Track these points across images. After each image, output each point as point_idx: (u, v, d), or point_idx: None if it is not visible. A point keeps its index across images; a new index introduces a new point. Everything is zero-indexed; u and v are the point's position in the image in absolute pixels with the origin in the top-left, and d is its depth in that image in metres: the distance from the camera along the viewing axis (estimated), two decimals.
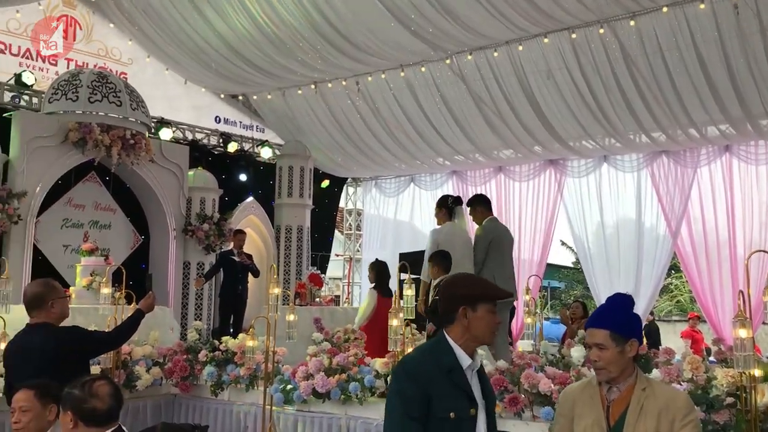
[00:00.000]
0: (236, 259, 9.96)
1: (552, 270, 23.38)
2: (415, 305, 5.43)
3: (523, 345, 9.08)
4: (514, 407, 4.89)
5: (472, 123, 11.62)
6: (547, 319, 14.48)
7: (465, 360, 2.59)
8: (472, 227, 7.16)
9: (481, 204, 7.08)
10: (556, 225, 12.64)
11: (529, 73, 10.39)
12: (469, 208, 7.11)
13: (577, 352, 5.46)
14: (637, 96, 9.95)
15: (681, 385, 4.61)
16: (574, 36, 9.64)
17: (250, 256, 10.33)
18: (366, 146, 13.06)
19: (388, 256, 13.38)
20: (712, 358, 8.31)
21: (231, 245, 10.44)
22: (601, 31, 9.42)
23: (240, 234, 10.36)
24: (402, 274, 5.91)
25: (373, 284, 7.80)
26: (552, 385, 4.89)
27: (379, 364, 5.64)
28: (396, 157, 13.23)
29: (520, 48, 10.12)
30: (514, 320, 10.57)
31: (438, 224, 6.96)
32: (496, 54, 10.36)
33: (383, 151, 13.07)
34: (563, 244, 23.42)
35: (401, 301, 5.26)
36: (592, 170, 12.05)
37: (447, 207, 6.99)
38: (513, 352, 6.30)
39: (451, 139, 12.14)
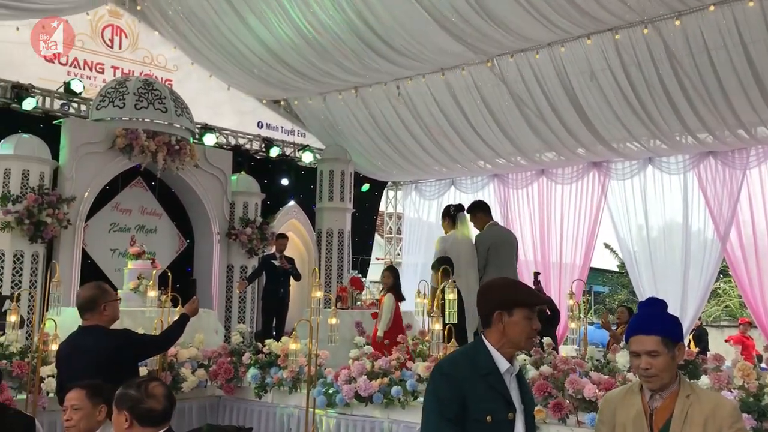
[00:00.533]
0: (276, 263, 10.05)
1: (596, 274, 23.07)
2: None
3: (567, 350, 8.98)
4: (559, 413, 4.85)
5: (513, 126, 11.55)
6: (591, 323, 14.30)
7: (503, 364, 2.58)
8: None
9: (480, 210, 7.30)
10: (599, 228, 12.48)
11: (571, 74, 10.29)
12: (469, 215, 7.31)
13: (622, 358, 5.39)
14: (683, 97, 9.77)
15: (731, 392, 4.51)
16: (617, 37, 9.52)
17: (291, 260, 10.44)
18: (406, 150, 13.08)
19: (429, 260, 13.36)
20: (763, 365, 8.10)
21: (273, 249, 10.56)
22: (645, 31, 9.28)
23: (282, 239, 10.46)
24: (443, 277, 5.92)
25: (388, 289, 7.85)
26: (597, 391, 4.83)
27: (421, 367, 5.65)
28: (436, 160, 13.22)
29: (563, 49, 10.03)
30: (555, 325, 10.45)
31: (444, 233, 7.19)
32: (537, 56, 10.28)
33: (423, 154, 13.07)
34: (607, 247, 23.09)
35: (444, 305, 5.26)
36: (637, 172, 11.87)
37: (450, 216, 7.25)
38: (556, 357, 6.24)
39: (493, 142, 12.08)
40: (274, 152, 12.76)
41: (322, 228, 12.60)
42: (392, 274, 7.97)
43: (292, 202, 12.53)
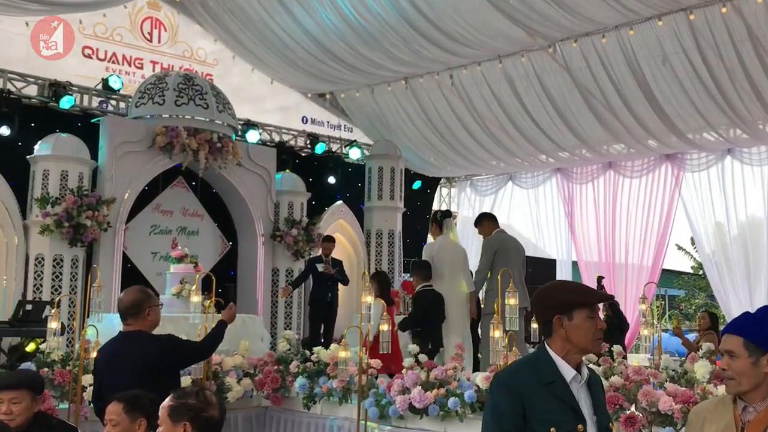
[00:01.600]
0: (320, 268, 9.96)
1: (669, 276, 22.53)
2: None
3: (638, 359, 8.80)
4: (631, 427, 4.75)
5: (577, 116, 11.38)
6: (666, 330, 14.00)
7: (568, 372, 2.56)
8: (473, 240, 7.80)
9: (487, 219, 8.08)
10: (672, 226, 12.21)
11: (641, 59, 10.08)
12: (477, 228, 8.05)
13: (702, 368, 5.24)
14: (766, 81, 9.48)
15: None
16: (692, 17, 9.28)
17: (339, 263, 10.33)
18: (460, 144, 13.02)
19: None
20: None
21: (320, 252, 10.59)
22: (724, 10, 9.03)
23: (328, 242, 10.30)
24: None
25: (377, 295, 7.96)
26: (673, 404, 4.72)
27: (480, 378, 5.60)
28: (492, 155, 13.13)
29: (631, 32, 9.83)
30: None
31: (433, 239, 7.85)
32: (604, 40, 10.11)
33: (478, 149, 12.99)
34: (680, 248, 22.57)
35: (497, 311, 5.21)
36: (714, 164, 11.57)
37: (437, 222, 7.93)
38: (627, 367, 6.12)
39: (554, 134, 11.94)
40: (320, 149, 12.85)
41: (371, 228, 12.63)
42: (377, 280, 8.12)
43: (339, 202, 12.60)
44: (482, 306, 7.87)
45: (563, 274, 13.08)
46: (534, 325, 7.78)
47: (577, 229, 13.20)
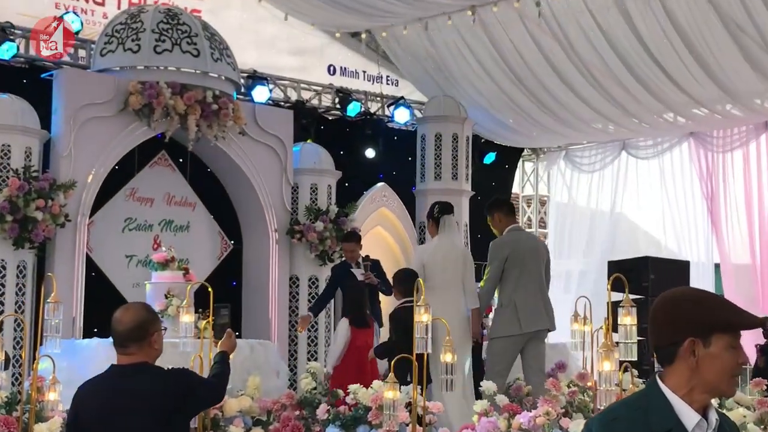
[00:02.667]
0: (358, 274, 9.84)
1: None
2: None
3: None
4: None
5: (720, 59, 11.26)
6: None
7: (691, 418, 2.54)
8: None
9: (499, 210, 8.24)
10: None
11: None
12: (488, 219, 8.31)
13: None
14: None
15: None
16: None
17: (376, 264, 10.14)
18: (552, 100, 12.93)
19: (592, 265, 13.21)
20: None
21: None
22: None
23: (349, 241, 10.12)
24: (615, 293, 5.84)
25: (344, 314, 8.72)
26: None
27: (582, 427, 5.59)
28: (599, 114, 13.03)
29: None
30: None
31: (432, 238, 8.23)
32: None
33: (578, 105, 12.89)
34: None
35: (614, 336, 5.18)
36: None
37: (434, 218, 8.24)
38: None
39: (688, 83, 11.82)
40: (354, 110, 12.86)
41: (425, 220, 12.60)
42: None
43: (381, 184, 12.64)
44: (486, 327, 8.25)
45: (702, 281, 12.90)
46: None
47: (722, 217, 13.02)
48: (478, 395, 7.72)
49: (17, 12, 10.82)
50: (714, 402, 2.68)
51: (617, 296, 6.40)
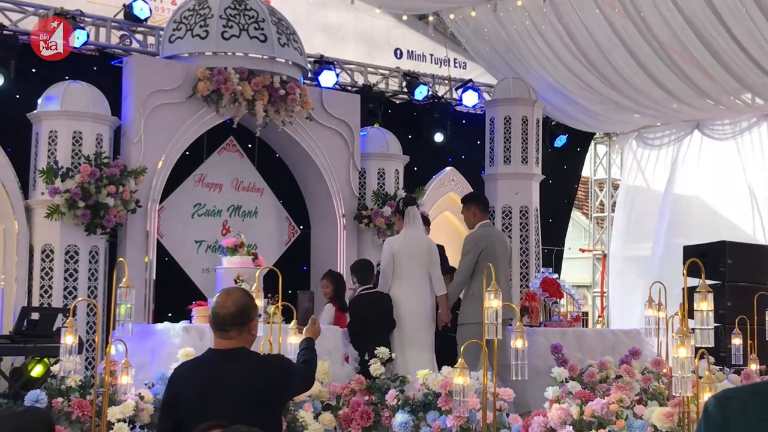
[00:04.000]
0: None
1: None
2: None
3: None
4: None
5: None
6: None
7: None
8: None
9: (477, 205, 8.83)
10: None
11: None
12: (463, 211, 8.94)
13: None
14: None
15: None
16: None
17: (440, 250, 10.13)
18: (625, 83, 12.77)
19: (670, 252, 13.01)
20: None
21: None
22: None
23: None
24: (690, 278, 5.76)
25: (330, 300, 9.04)
26: None
27: (657, 415, 5.53)
28: (674, 97, 12.83)
29: None
30: None
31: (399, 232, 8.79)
32: None
33: (652, 88, 12.72)
34: None
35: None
36: None
37: (399, 211, 8.81)
38: None
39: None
40: (421, 93, 12.86)
41: (495, 204, 12.54)
42: (332, 280, 9.18)
43: (449, 168, 12.61)
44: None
45: None
46: (737, 341, 7.64)
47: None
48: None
49: (87, 0, 10.98)
50: None
51: (693, 281, 6.33)
